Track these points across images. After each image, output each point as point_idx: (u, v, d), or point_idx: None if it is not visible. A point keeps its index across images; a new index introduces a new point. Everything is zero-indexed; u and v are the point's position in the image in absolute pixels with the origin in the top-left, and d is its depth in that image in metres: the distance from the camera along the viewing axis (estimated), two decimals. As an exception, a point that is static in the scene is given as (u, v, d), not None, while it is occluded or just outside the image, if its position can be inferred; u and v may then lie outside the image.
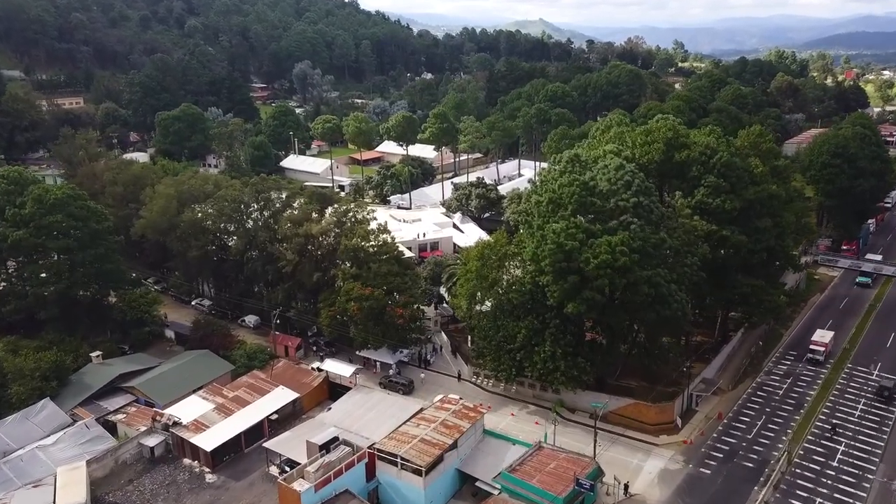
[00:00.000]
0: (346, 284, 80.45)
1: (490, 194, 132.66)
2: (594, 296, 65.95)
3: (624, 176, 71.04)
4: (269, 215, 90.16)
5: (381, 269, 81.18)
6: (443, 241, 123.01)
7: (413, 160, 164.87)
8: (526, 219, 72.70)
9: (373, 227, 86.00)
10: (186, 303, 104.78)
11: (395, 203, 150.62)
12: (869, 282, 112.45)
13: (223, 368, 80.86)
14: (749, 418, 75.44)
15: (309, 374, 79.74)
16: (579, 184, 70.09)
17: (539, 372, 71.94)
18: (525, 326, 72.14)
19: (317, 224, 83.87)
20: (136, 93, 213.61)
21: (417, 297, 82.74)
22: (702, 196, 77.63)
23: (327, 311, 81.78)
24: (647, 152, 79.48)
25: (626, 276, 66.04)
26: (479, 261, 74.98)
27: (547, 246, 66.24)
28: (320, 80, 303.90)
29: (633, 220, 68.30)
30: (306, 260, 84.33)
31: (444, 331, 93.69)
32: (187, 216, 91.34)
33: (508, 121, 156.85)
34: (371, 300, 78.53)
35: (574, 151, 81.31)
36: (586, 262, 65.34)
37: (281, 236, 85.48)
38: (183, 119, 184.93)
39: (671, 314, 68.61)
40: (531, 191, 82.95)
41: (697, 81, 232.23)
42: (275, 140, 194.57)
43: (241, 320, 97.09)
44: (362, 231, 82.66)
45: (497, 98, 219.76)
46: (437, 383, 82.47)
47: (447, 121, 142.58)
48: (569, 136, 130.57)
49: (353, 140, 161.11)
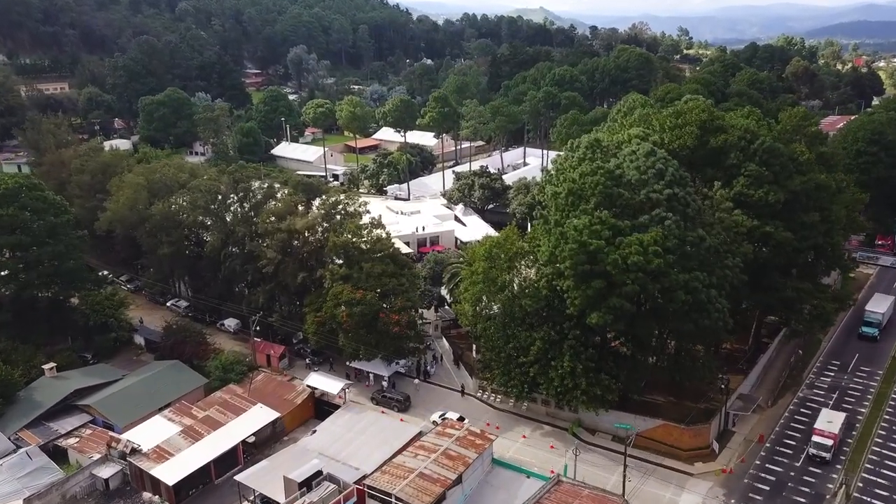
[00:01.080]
0: (335, 287, 70.76)
1: (494, 184, 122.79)
2: (622, 304, 56.25)
3: (655, 163, 61.22)
4: (250, 208, 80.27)
5: (374, 269, 71.45)
6: (444, 235, 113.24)
7: (412, 148, 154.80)
8: (541, 213, 62.91)
9: (365, 221, 76.21)
10: (162, 304, 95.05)
11: (392, 193, 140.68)
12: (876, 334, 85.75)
13: (195, 382, 71.26)
14: (795, 441, 65.93)
15: (292, 389, 70.14)
16: (604, 172, 60.31)
17: (556, 390, 62.43)
18: (540, 338, 62.51)
19: (302, 218, 74.05)
20: (121, 77, 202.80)
21: (415, 300, 73.04)
22: (741, 187, 67.75)
23: (313, 317, 72.12)
24: (678, 137, 69.61)
25: (660, 281, 56.43)
26: (486, 261, 65.23)
27: (567, 245, 56.50)
28: (316, 65, 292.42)
29: (668, 215, 58.54)
30: (290, 259, 74.56)
31: (445, 337, 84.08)
32: (158, 208, 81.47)
33: (513, 105, 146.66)
34: (362, 305, 68.85)
35: (594, 136, 71.53)
36: (613, 265, 55.65)
37: (261, 231, 75.65)
38: (168, 104, 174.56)
39: (710, 324, 59.02)
40: (545, 180, 73.13)
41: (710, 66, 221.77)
42: (266, 127, 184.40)
43: (220, 324, 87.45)
44: (353, 226, 72.83)
45: (500, 83, 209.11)
46: (437, 398, 72.95)
47: (448, 105, 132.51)
48: (580, 122, 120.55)
49: (347, 126, 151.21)
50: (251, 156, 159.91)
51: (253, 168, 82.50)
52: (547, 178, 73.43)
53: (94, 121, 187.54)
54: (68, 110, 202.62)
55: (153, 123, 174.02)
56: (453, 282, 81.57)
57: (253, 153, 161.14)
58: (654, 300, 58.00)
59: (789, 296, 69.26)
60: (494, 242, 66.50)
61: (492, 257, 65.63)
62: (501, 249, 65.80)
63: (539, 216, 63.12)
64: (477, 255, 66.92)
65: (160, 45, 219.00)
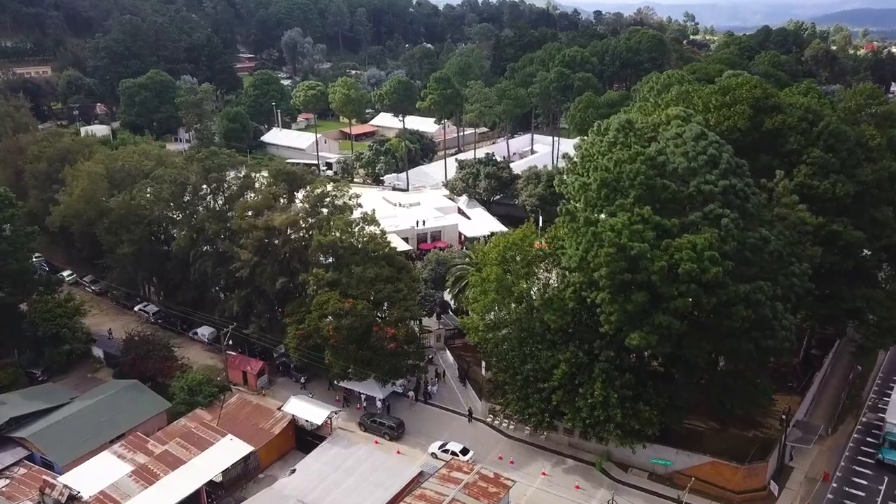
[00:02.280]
0: (320, 295, 60.03)
1: (502, 173, 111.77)
2: (670, 322, 45.55)
3: (707, 149, 50.30)
4: (224, 201, 69.39)
5: (366, 272, 60.67)
6: (446, 230, 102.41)
7: (411, 134, 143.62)
8: (565, 208, 52.02)
9: (356, 216, 65.38)
10: (130, 308, 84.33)
11: (389, 183, 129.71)
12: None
13: (155, 407, 60.60)
14: (867, 480, 55.42)
15: (269, 416, 59.46)
16: (644, 159, 49.40)
17: (584, 422, 51.88)
18: (565, 359, 51.82)
19: (282, 213, 63.13)
20: (102, 59, 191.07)
21: (414, 310, 62.26)
22: (803, 177, 56.83)
23: (294, 330, 61.39)
24: (726, 117, 58.66)
25: (717, 294, 45.70)
26: (499, 266, 54.43)
27: (603, 249, 45.69)
28: (311, 49, 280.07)
29: (724, 212, 47.70)
30: (268, 261, 63.78)
31: (449, 348, 73.45)
32: (117, 202, 70.59)
33: (520, 88, 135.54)
34: (352, 316, 58.12)
35: (626, 117, 60.51)
36: (660, 274, 44.92)
37: (235, 229, 64.80)
38: (150, 87, 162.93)
39: (775, 345, 48.36)
40: (567, 169, 62.24)
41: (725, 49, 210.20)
42: (256, 112, 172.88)
43: (193, 333, 76.82)
44: (341, 222, 61.96)
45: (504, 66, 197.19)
46: (439, 423, 62.36)
47: (450, 86, 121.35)
48: (595, 104, 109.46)
49: (340, 109, 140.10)
50: (238, 143, 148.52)
51: (227, 155, 71.21)
52: (570, 166, 62.52)
53: (73, 105, 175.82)
54: (46, 94, 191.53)
55: (134, 108, 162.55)
56: (458, 285, 70.90)
57: (240, 140, 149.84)
58: (709, 316, 47.35)
59: (857, 306, 58.54)
60: (509, 243, 55.65)
61: (506, 261, 54.86)
62: (518, 251, 55.01)
63: (563, 212, 52.30)
64: (488, 257, 56.08)
65: (144, 26, 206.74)
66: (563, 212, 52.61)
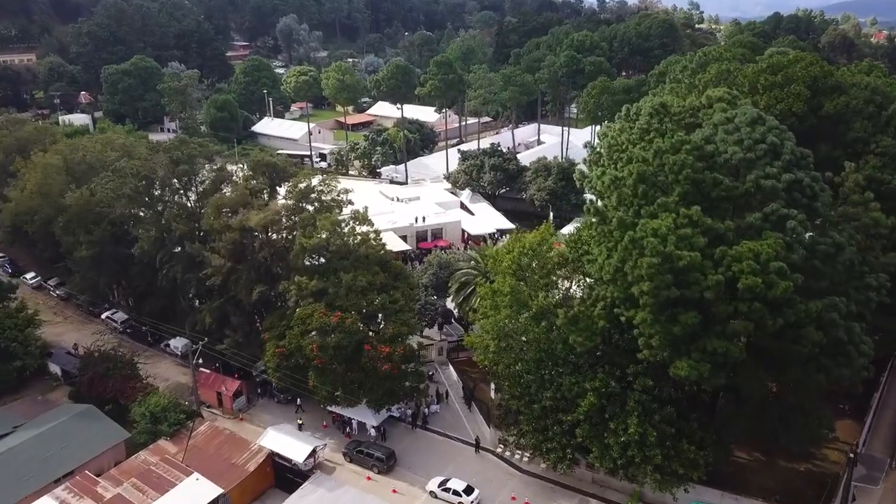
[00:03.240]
0: (303, 308, 51.52)
1: (508, 165, 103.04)
2: (727, 349, 37.04)
3: (766, 136, 41.72)
4: (197, 198, 60.76)
5: (357, 280, 52.15)
6: (448, 228, 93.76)
7: (410, 123, 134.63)
8: (593, 207, 43.40)
9: (346, 215, 56.81)
10: (97, 316, 75.83)
11: (387, 176, 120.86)
12: None
13: (112, 437, 52.30)
14: (946, 528, 47.08)
15: (244, 448, 51.08)
16: (691, 148, 40.84)
17: (615, 462, 43.51)
18: (593, 388, 43.35)
19: (259, 211, 54.48)
20: (85, 45, 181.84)
21: (413, 324, 53.69)
22: (871, 169, 48.26)
23: (274, 347, 52.89)
24: (778, 100, 50.16)
25: (784, 313, 37.18)
26: (513, 275, 45.86)
27: (645, 259, 37.10)
28: (307, 36, 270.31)
29: (790, 212, 39.17)
30: (244, 267, 55.23)
31: (451, 363, 65.07)
32: (75, 198, 61.97)
33: (527, 74, 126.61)
34: (340, 332, 49.63)
35: (659, 99, 51.92)
36: (715, 290, 36.39)
37: (206, 229, 56.19)
38: (134, 74, 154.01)
39: (851, 374, 39.94)
40: (591, 160, 53.61)
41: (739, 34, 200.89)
42: (246, 100, 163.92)
43: (165, 345, 68.40)
44: (328, 222, 53.32)
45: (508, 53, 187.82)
46: (440, 453, 54.01)
47: (452, 71, 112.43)
48: (610, 90, 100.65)
49: (334, 97, 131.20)
50: (227, 132, 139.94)
51: (198, 145, 62.42)
52: (592, 156, 53.88)
53: (55, 93, 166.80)
54: (27, 82, 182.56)
55: (117, 96, 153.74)
56: (463, 293, 62.42)
57: (229, 130, 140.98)
58: (770, 341, 38.86)
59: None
60: (524, 248, 47.01)
61: (521, 269, 46.30)
62: (535, 258, 46.41)
63: (590, 211, 43.76)
64: (500, 265, 47.44)
65: (130, 10, 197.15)
66: (591, 211, 43.98)
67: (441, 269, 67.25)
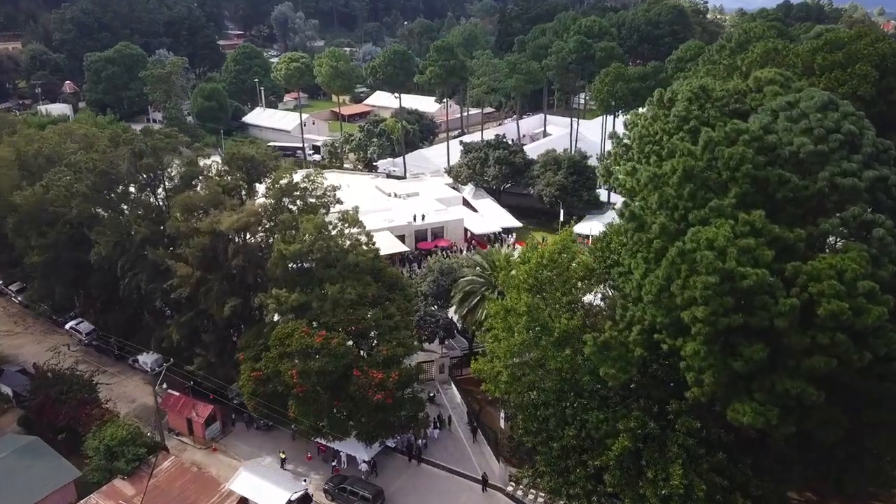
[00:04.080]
0: (281, 326, 44.13)
1: (515, 158, 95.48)
2: (804, 391, 29.63)
3: (841, 124, 34.15)
4: (165, 196, 53.23)
5: (344, 294, 44.72)
6: (450, 226, 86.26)
7: (409, 114, 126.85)
8: (629, 211, 35.82)
9: (334, 215, 49.37)
10: (61, 326, 68.42)
11: (384, 170, 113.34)
12: None
13: (59, 478, 44.83)
14: None
15: (212, 490, 43.78)
16: (749, 139, 33.32)
17: (654, 518, 36.11)
18: (627, 429, 35.90)
19: (232, 213, 46.95)
20: (69, 32, 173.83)
21: (410, 343, 46.24)
22: (953, 165, 40.69)
23: (250, 371, 45.49)
24: (841, 82, 42.64)
25: (871, 345, 29.76)
26: (529, 291, 38.34)
27: (699, 279, 29.63)
28: (303, 24, 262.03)
29: (877, 218, 31.69)
30: (215, 277, 47.80)
31: (454, 382, 57.78)
32: (25, 195, 54.45)
33: (532, 62, 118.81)
34: (324, 356, 42.28)
35: (699, 82, 44.40)
36: (789, 317, 28.95)
37: (172, 233, 48.70)
38: (118, 62, 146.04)
39: (948, 418, 32.53)
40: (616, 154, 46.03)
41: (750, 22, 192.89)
42: (237, 90, 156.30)
43: (134, 360, 61.00)
44: (311, 225, 45.81)
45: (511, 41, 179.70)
46: (444, 492, 46.75)
47: (454, 57, 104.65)
48: (624, 77, 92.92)
49: (328, 85, 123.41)
50: (215, 123, 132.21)
51: (164, 136, 54.68)
52: (619, 149, 46.34)
53: (36, 82, 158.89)
54: (9, 71, 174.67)
55: (101, 85, 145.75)
56: (468, 304, 55.01)
57: (217, 120, 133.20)
58: (853, 378, 31.44)
59: None
60: (543, 258, 39.42)
61: (539, 283, 38.78)
62: (555, 270, 38.87)
63: (625, 215, 36.30)
64: (516, 278, 39.82)
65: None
66: (625, 215, 36.45)
67: (442, 276, 59.75)
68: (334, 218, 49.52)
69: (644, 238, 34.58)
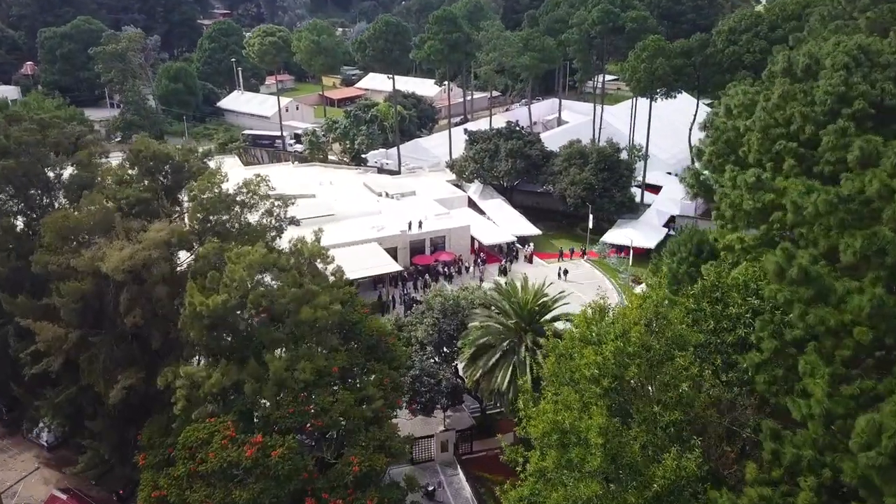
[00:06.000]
0: (194, 426, 27.92)
1: (531, 150, 79.05)
2: None
3: None
4: (38, 216, 36.79)
5: (295, 369, 28.47)
6: (454, 235, 69.91)
7: (405, 98, 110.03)
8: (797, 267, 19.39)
9: (288, 245, 33.06)
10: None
11: (375, 163, 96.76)
12: None
13: None
14: None
15: None
16: None
17: None
18: None
19: (125, 245, 30.51)
20: (28, 6, 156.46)
21: (397, 448, 29.98)
22: None
23: (150, 489, 29.30)
24: None
25: None
26: (604, 396, 21.88)
27: None
28: (293, 2, 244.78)
29: None
30: (101, 340, 31.51)
31: (460, 464, 41.75)
32: None
33: (547, 38, 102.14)
34: (259, 481, 26.14)
35: (855, 41, 27.90)
36: None
37: (37, 272, 32.38)
38: (76, 38, 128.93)
39: None
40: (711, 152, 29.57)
41: None
42: (212, 71, 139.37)
43: (32, 432, 44.72)
44: (245, 262, 29.42)
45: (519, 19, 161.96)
46: None
47: (457, 29, 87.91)
48: (666, 52, 76.30)
49: (308, 63, 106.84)
50: (182, 108, 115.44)
51: (36, 123, 38.01)
52: (713, 148, 29.89)
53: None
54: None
55: (56, 64, 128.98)
56: (482, 364, 38.79)
57: (185, 105, 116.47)
58: None
59: None
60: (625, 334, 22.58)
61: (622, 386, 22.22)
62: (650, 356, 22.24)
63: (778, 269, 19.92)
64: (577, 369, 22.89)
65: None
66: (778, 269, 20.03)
67: (446, 318, 43.39)
68: (288, 246, 33.21)
69: (832, 320, 18.28)
